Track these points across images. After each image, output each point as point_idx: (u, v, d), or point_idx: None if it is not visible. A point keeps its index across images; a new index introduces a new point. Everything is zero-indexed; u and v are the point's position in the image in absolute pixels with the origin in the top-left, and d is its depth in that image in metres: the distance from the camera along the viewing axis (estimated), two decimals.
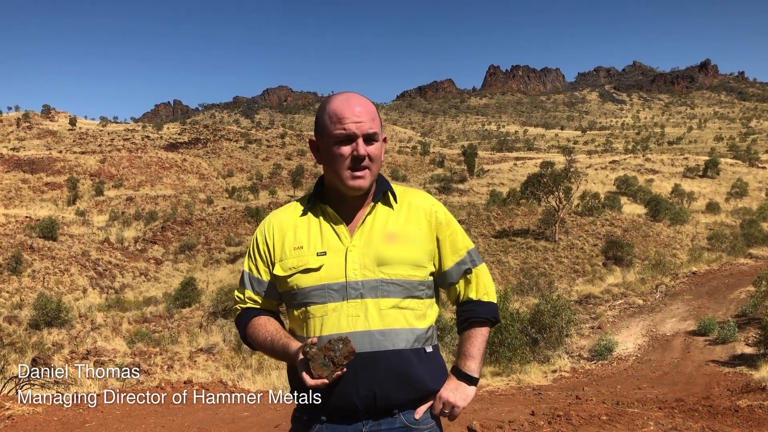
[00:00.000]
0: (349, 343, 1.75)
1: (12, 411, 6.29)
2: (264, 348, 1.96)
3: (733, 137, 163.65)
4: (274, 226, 1.99)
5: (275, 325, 1.99)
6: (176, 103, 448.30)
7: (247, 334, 2.00)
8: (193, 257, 41.23)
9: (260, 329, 1.97)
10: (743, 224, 34.73)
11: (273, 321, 2.01)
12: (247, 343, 2.04)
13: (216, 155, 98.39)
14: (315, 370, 1.74)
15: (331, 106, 1.89)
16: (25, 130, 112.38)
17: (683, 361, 12.95)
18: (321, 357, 1.74)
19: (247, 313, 2.03)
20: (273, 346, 1.92)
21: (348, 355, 1.75)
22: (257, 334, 1.97)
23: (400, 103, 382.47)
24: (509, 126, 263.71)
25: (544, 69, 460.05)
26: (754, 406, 7.47)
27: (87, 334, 20.34)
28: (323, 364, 1.74)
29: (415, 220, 1.95)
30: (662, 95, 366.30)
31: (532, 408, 7.09)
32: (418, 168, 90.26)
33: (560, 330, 14.16)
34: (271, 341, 1.92)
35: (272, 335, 1.93)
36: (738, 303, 17.72)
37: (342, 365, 1.75)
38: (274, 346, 1.91)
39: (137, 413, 6.70)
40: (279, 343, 1.90)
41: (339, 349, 1.74)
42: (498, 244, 34.78)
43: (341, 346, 1.74)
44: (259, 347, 1.98)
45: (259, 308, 2.03)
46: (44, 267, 32.62)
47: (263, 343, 1.95)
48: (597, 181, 62.71)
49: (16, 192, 67.94)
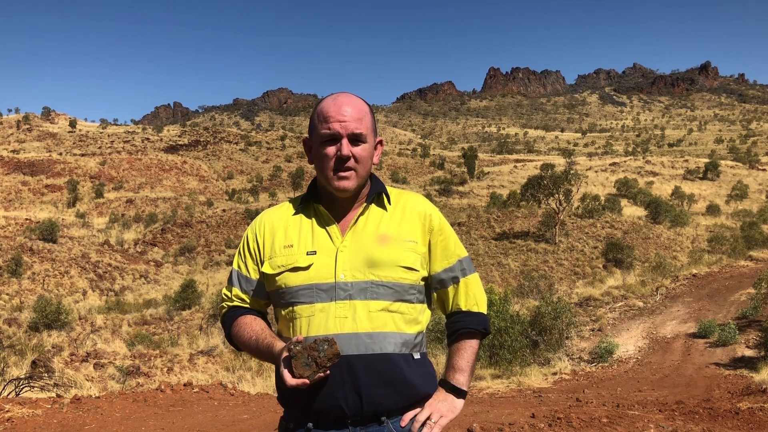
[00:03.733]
0: (334, 345, 1.68)
1: (12, 413, 6.28)
2: (248, 347, 1.90)
3: (733, 139, 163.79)
4: (265, 224, 1.96)
5: (261, 324, 1.93)
6: (176, 105, 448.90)
7: (232, 333, 1.95)
8: (193, 259, 41.23)
9: (245, 328, 1.92)
10: (743, 226, 34.72)
11: (259, 320, 1.95)
12: (232, 343, 1.98)
13: (216, 157, 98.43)
14: (297, 369, 1.68)
15: (320, 106, 1.89)
16: (25, 133, 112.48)
17: (684, 363, 12.94)
18: (304, 356, 1.68)
19: (233, 312, 1.98)
20: (258, 346, 1.86)
21: (332, 358, 1.68)
22: (242, 333, 1.92)
23: (400, 105, 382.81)
24: (509, 128, 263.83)
25: (545, 71, 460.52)
26: (755, 408, 7.46)
27: (87, 336, 20.33)
28: (306, 364, 1.68)
29: (408, 222, 1.92)
30: (662, 97, 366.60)
31: (532, 410, 7.08)
32: (418, 170, 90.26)
33: (560, 332, 14.15)
34: (256, 340, 1.87)
35: (257, 334, 1.88)
36: (738, 305, 17.70)
37: (325, 367, 1.69)
38: (258, 346, 1.86)
39: (137, 416, 6.69)
40: (264, 343, 1.85)
41: (324, 350, 1.67)
42: (498, 247, 34.77)
43: (326, 347, 1.68)
44: (243, 347, 1.93)
45: (247, 307, 1.98)
46: (44, 269, 32.61)
47: (248, 342, 1.89)
48: (597, 183, 62.75)
49: (16, 194, 67.95)
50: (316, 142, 1.88)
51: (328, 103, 1.88)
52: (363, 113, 1.88)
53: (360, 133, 1.84)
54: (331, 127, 1.83)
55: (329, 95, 1.92)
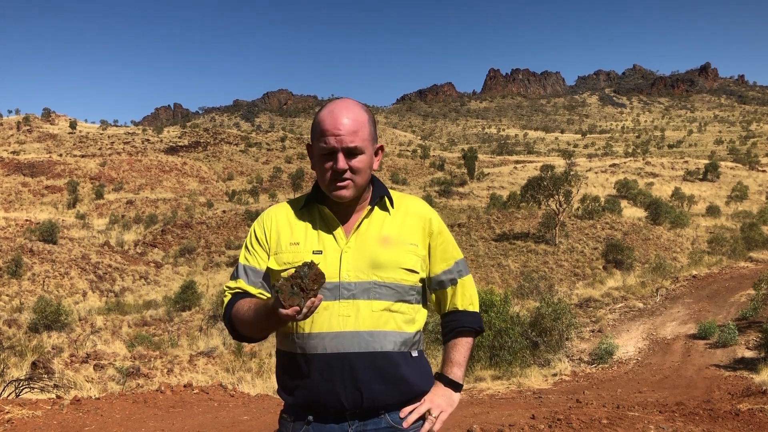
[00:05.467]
0: (315, 266, 1.66)
1: (11, 414, 6.28)
2: (247, 318, 1.86)
3: (733, 140, 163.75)
4: (272, 219, 2.01)
5: (260, 300, 1.91)
6: (176, 106, 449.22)
7: (232, 314, 1.93)
8: (193, 260, 41.22)
9: (244, 304, 1.90)
10: (743, 227, 34.72)
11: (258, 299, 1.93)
12: (231, 326, 1.94)
13: (216, 158, 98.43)
14: (285, 301, 1.65)
15: (318, 118, 1.91)
16: (26, 134, 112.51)
17: (684, 364, 12.94)
18: (288, 286, 1.66)
19: (234, 298, 1.97)
20: (256, 310, 1.83)
21: (316, 279, 1.66)
22: (240, 308, 1.89)
23: (400, 106, 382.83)
24: (509, 129, 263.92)
25: (545, 72, 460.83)
26: (755, 409, 7.46)
27: (87, 337, 20.33)
28: (292, 293, 1.65)
29: (410, 226, 1.98)
30: (662, 98, 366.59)
31: (532, 412, 7.08)
32: (418, 171, 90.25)
33: (561, 333, 14.15)
34: (255, 307, 1.84)
35: (255, 303, 1.86)
36: (738, 306, 17.70)
37: (312, 290, 1.66)
38: (257, 309, 1.83)
39: (137, 417, 6.69)
40: (261, 305, 1.82)
41: (305, 275, 1.65)
42: (498, 248, 34.77)
43: (307, 270, 1.66)
44: (241, 322, 1.89)
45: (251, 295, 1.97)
46: (44, 270, 32.62)
47: (246, 313, 1.86)
48: (597, 184, 62.74)
49: (16, 195, 67.97)
50: (315, 153, 1.93)
51: (325, 115, 1.90)
52: (360, 124, 1.89)
53: (355, 146, 1.87)
54: (327, 142, 1.87)
55: (329, 103, 1.95)
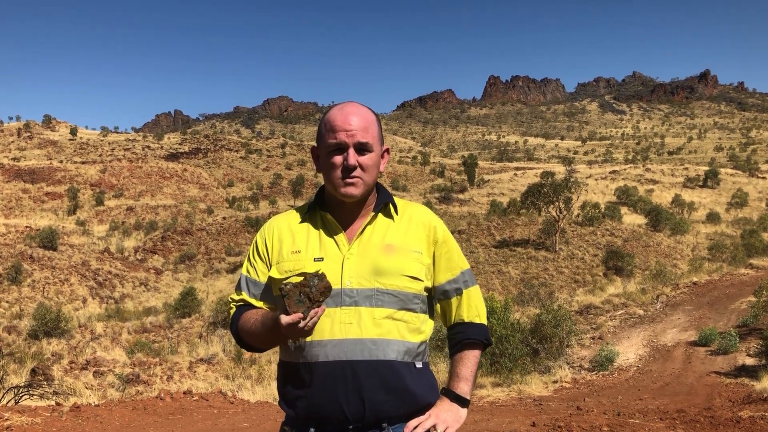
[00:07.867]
0: (324, 278, 1.68)
1: (11, 421, 6.27)
2: (254, 330, 1.88)
3: (733, 147, 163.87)
4: (274, 230, 2.00)
5: (266, 310, 1.94)
6: (177, 113, 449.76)
7: (239, 326, 1.94)
8: (193, 267, 41.20)
9: (252, 315, 1.92)
10: (744, 234, 34.70)
11: (265, 310, 1.95)
12: (239, 337, 1.95)
13: (216, 165, 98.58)
14: (290, 308, 1.66)
15: (328, 116, 1.93)
16: (26, 140, 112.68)
17: (684, 371, 12.91)
18: (296, 293, 1.67)
19: (240, 310, 1.99)
20: (263, 321, 1.85)
21: (324, 291, 1.68)
22: (248, 320, 1.91)
23: (400, 113, 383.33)
24: (509, 136, 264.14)
25: (544, 79, 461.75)
26: (756, 417, 7.44)
27: (86, 344, 20.30)
28: (298, 301, 1.66)
29: (414, 233, 1.95)
30: (662, 105, 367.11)
31: (532, 419, 7.07)
32: (418, 178, 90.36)
33: (561, 340, 14.13)
34: (263, 319, 1.86)
35: (262, 315, 1.88)
36: (739, 313, 17.68)
37: (318, 302, 1.68)
38: (264, 321, 1.84)
39: (136, 424, 6.67)
40: (268, 317, 1.83)
41: (314, 285, 1.67)
42: (498, 254, 34.76)
43: (316, 281, 1.67)
44: (248, 333, 1.91)
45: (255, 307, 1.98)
46: (44, 277, 32.60)
47: (253, 325, 1.88)
48: (597, 191, 62.76)
49: (16, 202, 68.00)
50: (324, 151, 1.92)
51: (335, 113, 1.92)
52: (369, 123, 1.92)
53: (366, 142, 1.89)
54: (338, 137, 1.88)
55: (336, 105, 1.96)
